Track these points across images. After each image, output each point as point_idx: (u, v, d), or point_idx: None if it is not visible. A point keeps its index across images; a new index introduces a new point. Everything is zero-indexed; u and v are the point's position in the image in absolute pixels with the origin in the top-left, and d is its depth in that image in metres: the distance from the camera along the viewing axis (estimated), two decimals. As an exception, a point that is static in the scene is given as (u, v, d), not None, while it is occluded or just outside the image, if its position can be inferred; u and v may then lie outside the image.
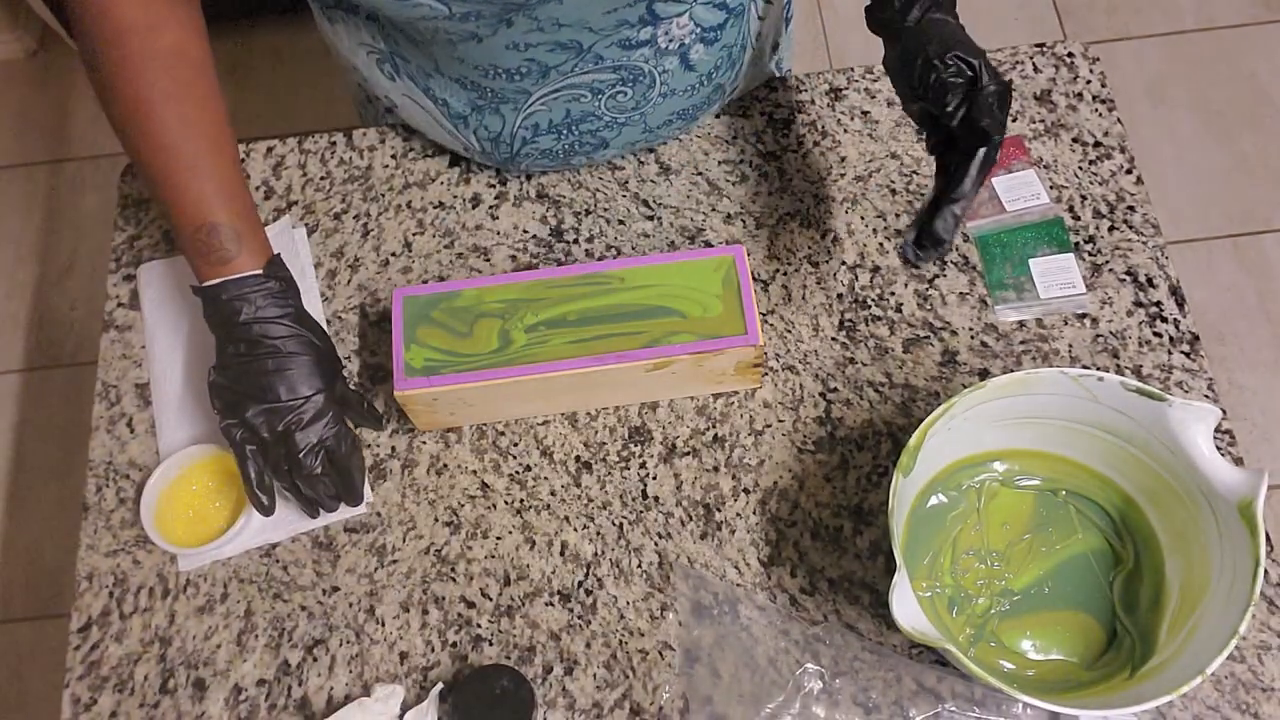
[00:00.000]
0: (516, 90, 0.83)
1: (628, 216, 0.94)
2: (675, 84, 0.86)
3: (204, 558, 0.83)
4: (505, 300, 0.82)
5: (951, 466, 0.79)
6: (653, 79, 0.85)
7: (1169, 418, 0.71)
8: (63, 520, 1.68)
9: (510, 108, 0.85)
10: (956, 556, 0.78)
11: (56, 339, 1.83)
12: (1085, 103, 0.97)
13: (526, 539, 0.82)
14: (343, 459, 0.78)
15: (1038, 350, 0.86)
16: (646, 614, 0.79)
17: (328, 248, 0.94)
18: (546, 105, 0.85)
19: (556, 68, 0.81)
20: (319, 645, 0.79)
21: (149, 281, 0.93)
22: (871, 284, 0.90)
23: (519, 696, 0.72)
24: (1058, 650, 0.75)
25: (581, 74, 0.82)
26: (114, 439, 0.88)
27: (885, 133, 0.96)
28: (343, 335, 0.90)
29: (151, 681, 0.79)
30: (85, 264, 1.89)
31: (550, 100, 0.84)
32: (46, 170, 1.99)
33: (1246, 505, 0.67)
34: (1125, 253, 0.90)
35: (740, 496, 0.82)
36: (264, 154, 0.99)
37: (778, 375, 0.87)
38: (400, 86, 0.89)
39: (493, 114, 0.86)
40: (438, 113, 0.88)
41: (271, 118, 2.01)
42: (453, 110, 0.88)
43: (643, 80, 0.84)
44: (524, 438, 0.86)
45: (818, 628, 0.77)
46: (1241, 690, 0.74)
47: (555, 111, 0.86)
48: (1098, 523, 0.78)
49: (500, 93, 0.84)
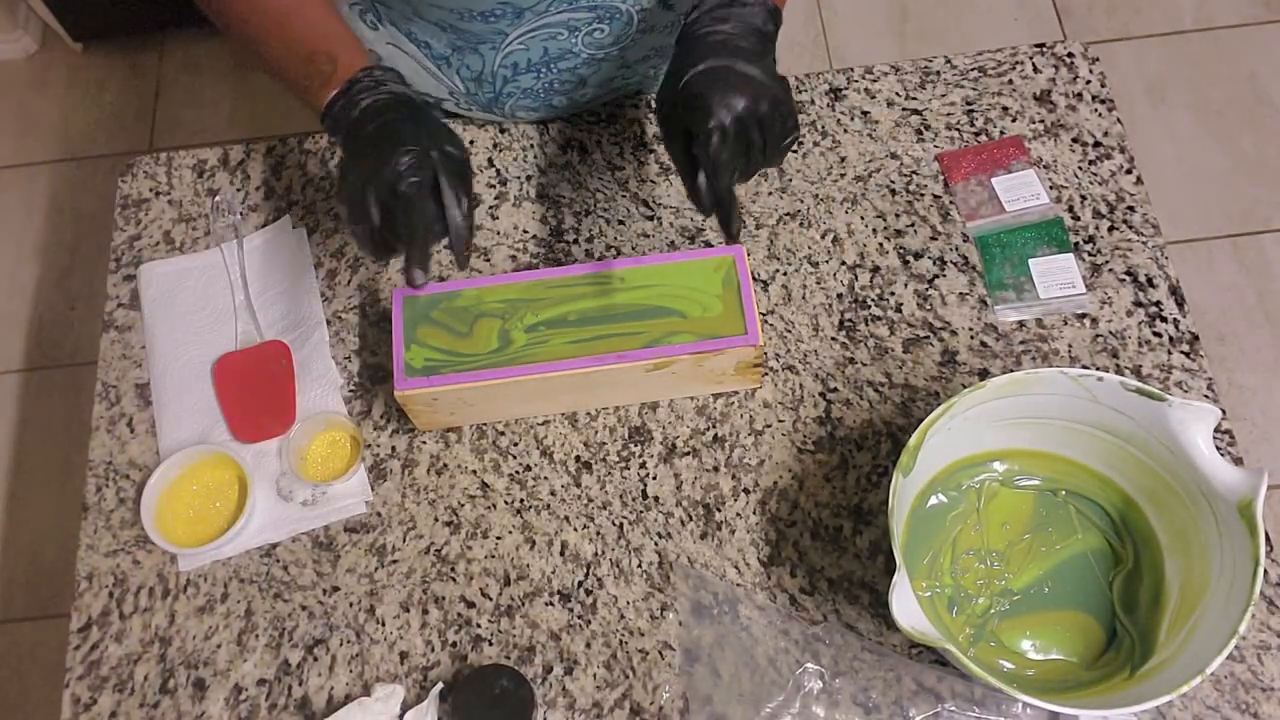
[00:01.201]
0: (493, 31, 0.85)
1: (628, 216, 0.94)
2: (654, 20, 0.88)
3: (204, 558, 0.83)
4: (505, 300, 0.82)
5: (951, 466, 0.79)
6: (630, 16, 0.86)
7: (1169, 418, 0.71)
8: (63, 520, 1.68)
9: (489, 47, 0.87)
10: (956, 556, 0.78)
11: (56, 339, 1.83)
12: (1085, 103, 0.97)
13: (526, 539, 0.82)
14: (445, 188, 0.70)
15: (1038, 350, 0.86)
16: (646, 614, 0.79)
17: (328, 248, 0.94)
18: (524, 44, 0.87)
19: (531, 8, 0.83)
20: (319, 645, 0.79)
21: (149, 281, 0.93)
22: (871, 284, 0.90)
23: (519, 696, 0.72)
24: (1057, 650, 0.75)
25: (556, 13, 0.84)
26: (114, 439, 0.88)
27: (885, 133, 0.96)
28: (343, 335, 0.90)
29: (151, 681, 0.79)
30: (85, 264, 1.89)
31: (527, 39, 0.86)
32: (46, 170, 1.99)
33: (1246, 505, 0.67)
34: (1125, 253, 0.90)
35: (740, 496, 0.82)
36: (264, 154, 0.99)
37: (778, 375, 0.87)
38: (384, 35, 0.91)
39: (472, 54, 0.88)
40: (420, 55, 0.91)
41: (271, 118, 2.01)
42: (435, 52, 0.90)
43: (619, 18, 0.86)
44: (524, 438, 0.86)
45: (818, 627, 0.77)
46: (1241, 690, 0.74)
47: (533, 50, 0.88)
48: (1098, 523, 0.78)
49: (478, 34, 0.86)
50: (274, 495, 0.84)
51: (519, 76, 0.90)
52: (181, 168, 1.00)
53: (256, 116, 2.01)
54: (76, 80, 2.07)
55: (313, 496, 0.84)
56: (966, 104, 0.97)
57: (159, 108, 2.04)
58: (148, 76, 2.07)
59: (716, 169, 0.68)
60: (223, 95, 2.04)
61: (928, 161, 0.95)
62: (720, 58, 0.70)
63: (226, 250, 0.94)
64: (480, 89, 0.93)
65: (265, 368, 0.88)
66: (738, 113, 0.68)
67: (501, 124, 0.99)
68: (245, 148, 1.00)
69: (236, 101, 2.03)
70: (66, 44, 2.06)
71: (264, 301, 0.92)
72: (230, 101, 2.03)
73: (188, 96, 2.04)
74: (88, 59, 2.09)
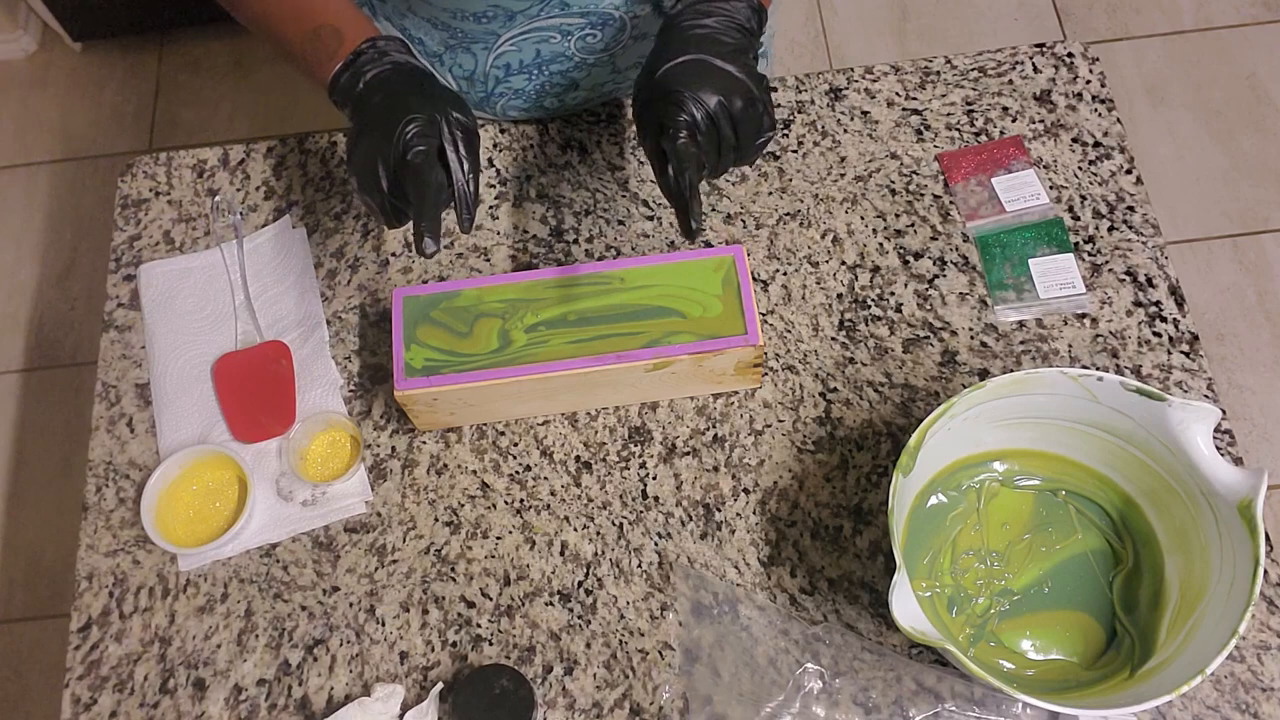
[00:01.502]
0: (485, 31, 0.86)
1: (628, 216, 0.94)
2: (646, 28, 0.88)
3: (204, 558, 0.83)
4: (505, 300, 0.82)
5: (951, 466, 0.79)
6: (623, 23, 0.87)
7: (1169, 418, 0.71)
8: (63, 520, 1.68)
9: (481, 47, 0.88)
10: (956, 556, 0.78)
11: (56, 339, 1.83)
12: (1085, 103, 0.97)
13: (526, 539, 0.82)
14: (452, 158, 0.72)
15: (1037, 350, 0.86)
16: (646, 614, 0.79)
17: (328, 248, 0.94)
18: (516, 46, 0.87)
19: (522, 12, 0.83)
20: (319, 645, 0.79)
21: (149, 281, 0.93)
22: (871, 284, 0.90)
23: (519, 696, 0.72)
24: (1058, 650, 0.75)
25: (548, 18, 0.84)
26: (114, 439, 0.88)
27: (885, 133, 0.96)
28: (343, 335, 0.90)
29: (151, 681, 0.79)
30: (85, 264, 1.89)
31: (520, 41, 0.87)
32: (46, 170, 1.99)
33: (1246, 505, 0.67)
34: (1125, 253, 0.90)
35: (740, 496, 0.82)
36: (264, 154, 0.99)
37: (778, 375, 0.87)
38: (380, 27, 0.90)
39: (464, 53, 0.89)
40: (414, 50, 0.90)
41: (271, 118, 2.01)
42: (428, 48, 0.90)
43: (612, 24, 0.86)
44: (524, 438, 0.86)
45: (818, 627, 0.77)
46: (1241, 690, 0.74)
47: (525, 52, 0.88)
48: (1098, 523, 0.78)
49: (470, 34, 0.86)
50: (274, 495, 0.84)
51: (511, 77, 0.91)
52: (181, 168, 1.00)
53: (256, 116, 2.01)
54: (76, 80, 2.07)
55: (313, 496, 0.84)
56: (966, 104, 0.97)
57: (159, 108, 2.04)
58: (148, 76, 2.07)
59: (681, 163, 0.67)
60: (223, 95, 2.04)
61: (928, 161, 0.95)
62: (698, 51, 0.70)
63: (226, 250, 0.94)
64: (472, 88, 0.93)
65: (265, 368, 0.88)
66: (710, 108, 0.68)
67: (498, 123, 0.99)
68: (245, 148, 1.00)
69: (236, 101, 2.03)
70: (66, 44, 2.06)
71: (264, 301, 0.92)
72: (230, 101, 2.03)
73: (188, 96, 2.05)
74: (88, 59, 2.09)
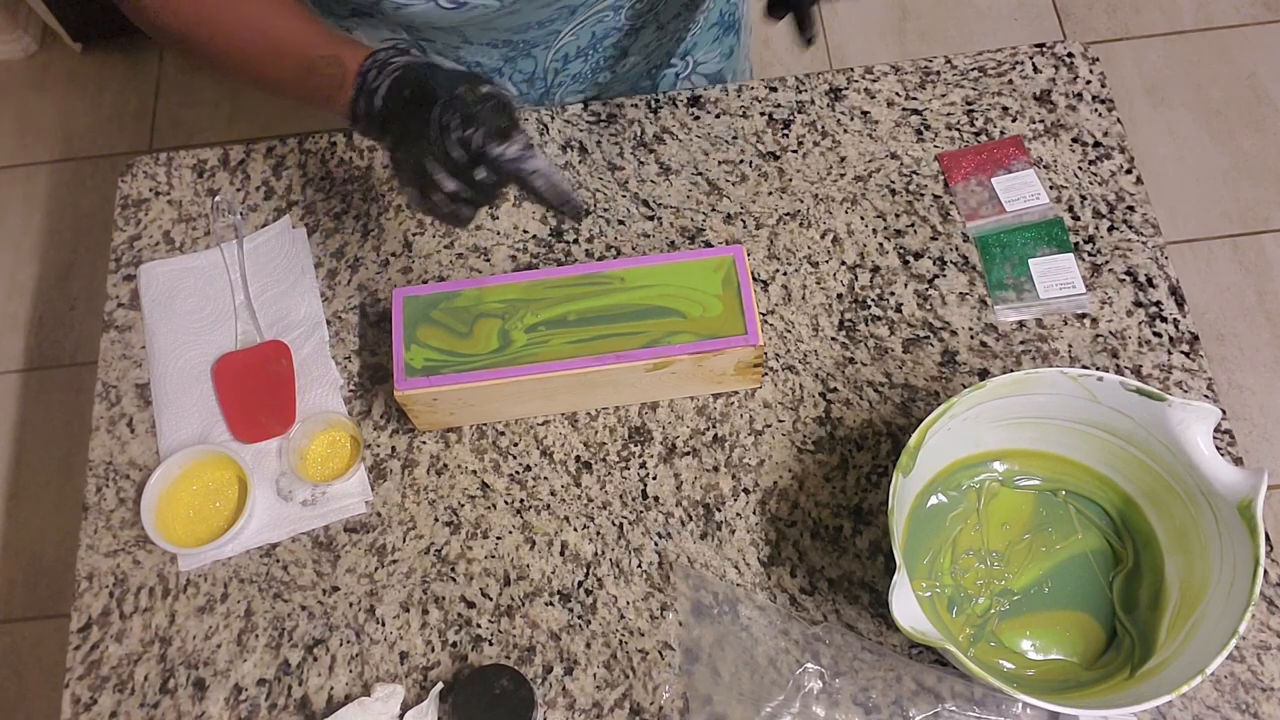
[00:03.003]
0: (547, 33, 0.88)
1: (628, 216, 0.94)
2: None
3: (204, 558, 0.83)
4: (505, 300, 0.82)
5: (951, 466, 0.79)
6: None
7: (1169, 418, 0.71)
8: (63, 520, 1.68)
9: (541, 49, 0.90)
10: (956, 556, 0.78)
11: (56, 339, 1.83)
12: (1085, 103, 0.97)
13: (526, 539, 0.82)
14: None
15: (1037, 350, 0.86)
16: (646, 614, 0.79)
17: (328, 248, 0.94)
18: (574, 34, 0.90)
19: (584, 4, 0.86)
20: (319, 645, 0.79)
21: (149, 281, 0.93)
22: (871, 284, 0.90)
23: (519, 696, 0.72)
24: (1058, 650, 0.75)
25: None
26: (114, 439, 0.88)
27: (885, 133, 0.96)
28: (343, 335, 0.90)
29: (151, 681, 0.79)
30: (85, 264, 1.89)
31: (578, 30, 0.89)
32: (46, 170, 1.99)
33: (1246, 505, 0.67)
34: (1125, 253, 0.90)
35: (740, 496, 0.82)
36: (264, 154, 0.99)
37: (778, 375, 0.87)
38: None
39: (525, 58, 0.91)
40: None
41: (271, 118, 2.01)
42: (487, 68, 0.92)
43: None
44: (524, 438, 0.86)
45: (818, 627, 0.77)
46: (1241, 690, 0.74)
47: (582, 37, 0.91)
48: (1098, 523, 0.78)
49: (532, 40, 0.88)
50: (274, 495, 0.84)
51: (568, 65, 0.93)
52: (181, 168, 1.00)
53: (256, 116, 2.01)
54: (76, 80, 2.07)
55: (313, 496, 0.84)
56: (966, 104, 0.97)
57: (159, 108, 2.04)
58: (148, 76, 2.07)
59: None
60: (223, 95, 2.04)
61: (928, 161, 0.95)
62: None
63: (226, 250, 0.94)
64: (532, 88, 0.95)
65: (265, 368, 0.88)
66: None
67: None
68: (245, 148, 1.00)
69: (236, 101, 2.03)
70: (66, 44, 2.06)
71: (264, 301, 0.92)
72: (230, 101, 2.03)
73: (188, 96, 2.05)
74: (88, 59, 2.09)
